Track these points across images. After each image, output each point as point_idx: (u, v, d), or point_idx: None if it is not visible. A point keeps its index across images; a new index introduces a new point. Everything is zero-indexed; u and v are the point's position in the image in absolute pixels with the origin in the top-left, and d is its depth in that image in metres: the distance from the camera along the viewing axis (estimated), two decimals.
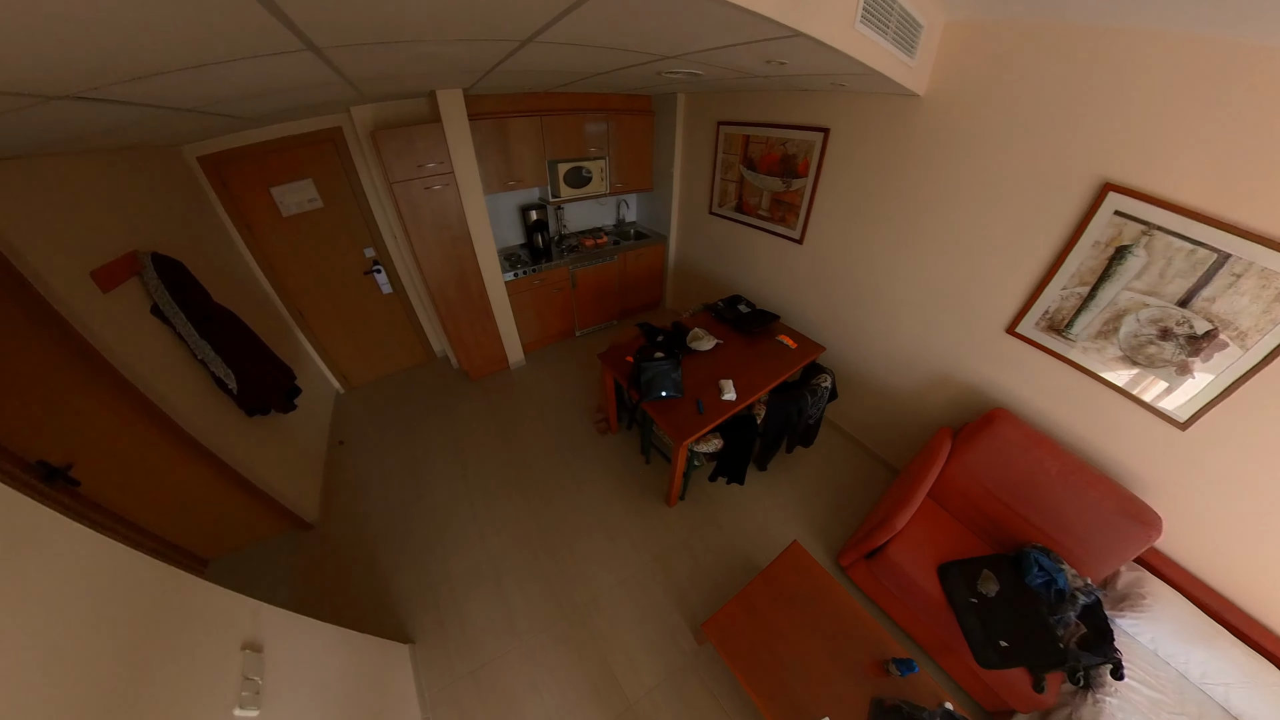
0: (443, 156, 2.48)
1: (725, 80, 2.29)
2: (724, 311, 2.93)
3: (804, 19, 1.15)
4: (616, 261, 3.66)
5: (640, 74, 2.14)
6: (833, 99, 2.36)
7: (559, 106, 3.03)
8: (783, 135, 2.69)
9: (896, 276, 2.42)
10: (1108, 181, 1.57)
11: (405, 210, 2.51)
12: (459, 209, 2.67)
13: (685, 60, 1.73)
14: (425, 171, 2.46)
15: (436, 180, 2.52)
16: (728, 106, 2.97)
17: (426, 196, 2.54)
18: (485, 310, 3.10)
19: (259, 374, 2.14)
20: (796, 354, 2.64)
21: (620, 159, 3.46)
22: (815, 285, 2.90)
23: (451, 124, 2.43)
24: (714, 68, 1.88)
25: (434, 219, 2.61)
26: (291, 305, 2.93)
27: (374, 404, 3.31)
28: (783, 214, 2.92)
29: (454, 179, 2.57)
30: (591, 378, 3.51)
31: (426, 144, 2.41)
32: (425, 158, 2.43)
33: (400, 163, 2.38)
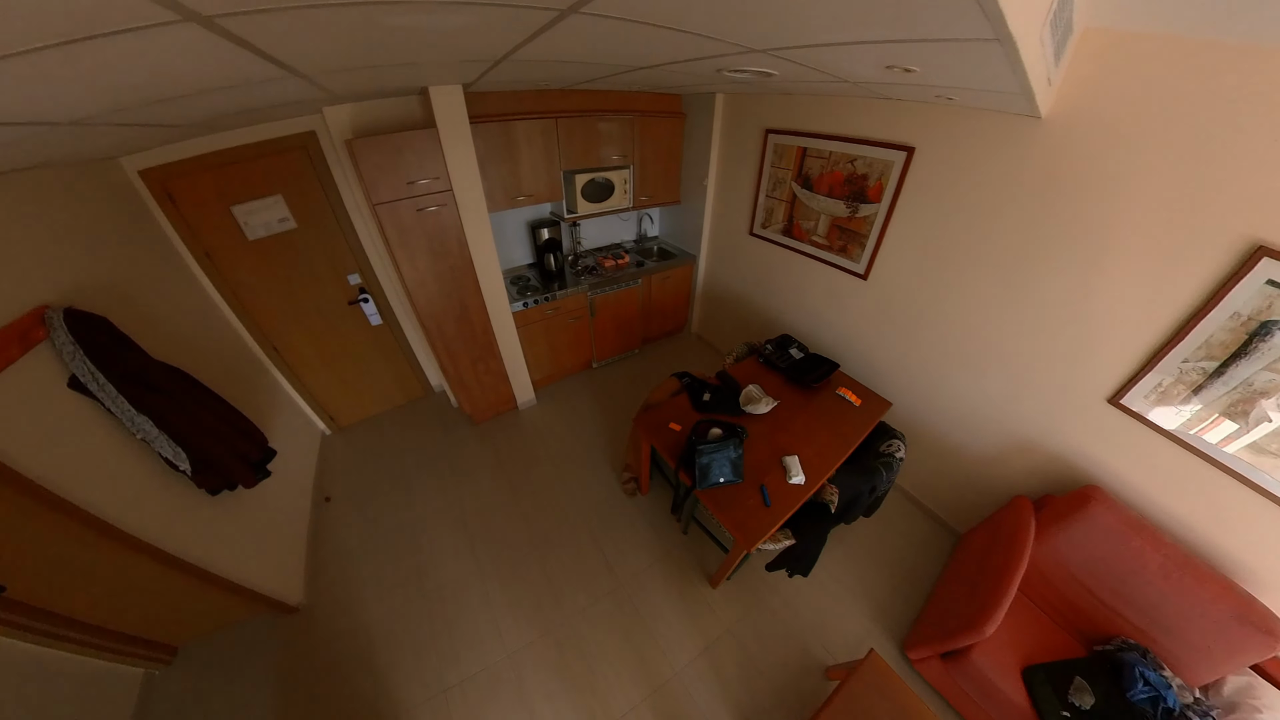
0: (438, 170, 1.95)
1: (794, 84, 1.77)
2: (774, 357, 2.42)
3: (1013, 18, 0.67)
4: (640, 286, 3.13)
5: (694, 71, 1.61)
6: (923, 112, 1.84)
7: (576, 107, 2.48)
8: (851, 151, 2.16)
9: (982, 327, 1.97)
10: (1262, 245, 1.24)
11: (393, 237, 1.98)
12: (459, 233, 2.14)
13: (771, 58, 1.23)
14: (417, 189, 1.94)
15: (431, 200, 2.00)
16: (780, 111, 2.43)
17: (419, 220, 2.01)
18: (490, 347, 2.59)
19: (219, 450, 1.66)
20: (861, 413, 2.14)
21: (646, 168, 2.91)
22: (879, 328, 2.40)
23: (449, 129, 1.91)
24: (803, 68, 1.37)
25: (429, 246, 2.09)
26: (265, 342, 2.43)
27: (365, 448, 2.81)
28: (844, 243, 2.39)
29: (452, 197, 2.04)
30: (613, 416, 2.99)
31: (418, 155, 1.88)
32: (416, 172, 1.91)
33: (385, 180, 1.85)
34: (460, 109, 1.90)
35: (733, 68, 1.47)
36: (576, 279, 2.91)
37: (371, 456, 2.74)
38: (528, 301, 2.64)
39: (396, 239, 1.99)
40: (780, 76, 1.58)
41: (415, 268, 2.09)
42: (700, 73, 1.65)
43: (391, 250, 2.02)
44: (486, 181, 2.33)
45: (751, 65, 1.39)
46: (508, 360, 2.67)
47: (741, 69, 1.47)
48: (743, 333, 3.29)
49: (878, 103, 1.99)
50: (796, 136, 2.40)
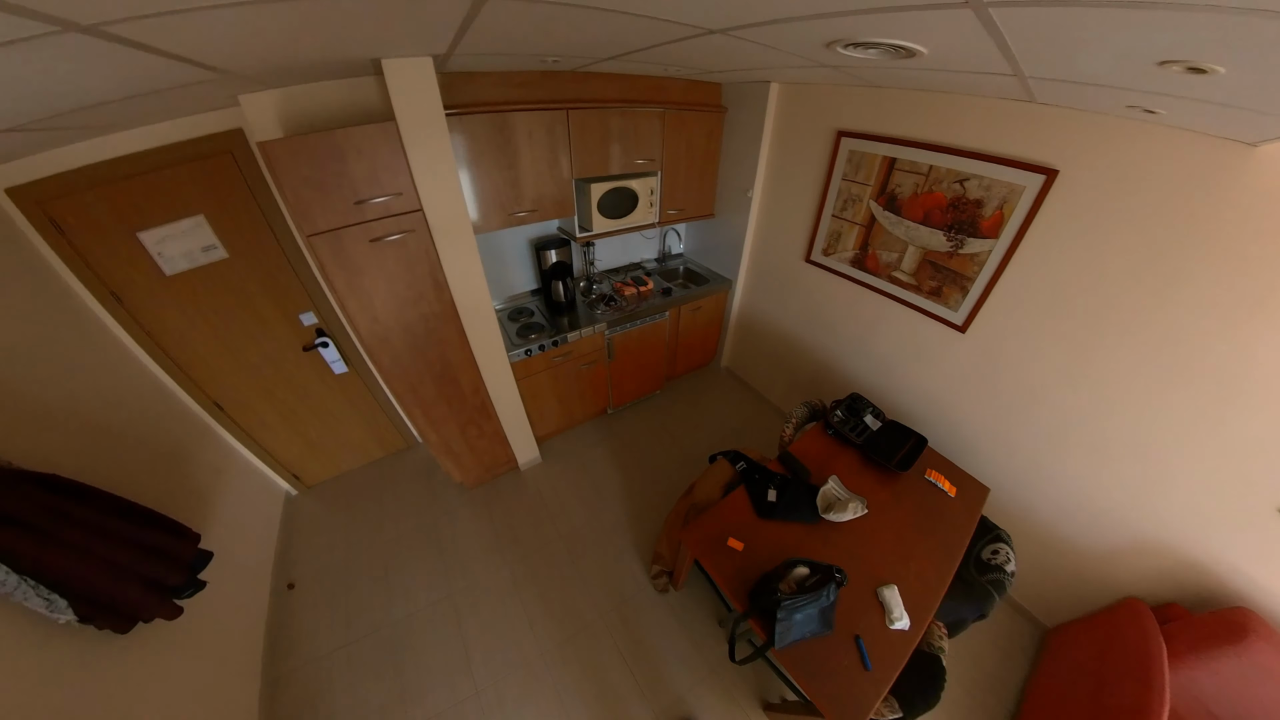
0: (400, 182, 1.33)
1: (926, 75, 1.13)
2: (845, 426, 1.81)
3: None
4: (668, 319, 2.49)
5: (786, 42, 1.02)
6: (1079, 125, 1.27)
7: (593, 95, 1.84)
8: (963, 168, 1.56)
9: (1122, 406, 1.46)
10: None
11: (338, 280, 1.36)
12: (433, 269, 1.52)
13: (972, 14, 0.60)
14: (370, 210, 1.31)
15: (391, 225, 1.37)
16: (861, 107, 1.79)
17: (375, 255, 1.39)
18: (482, 409, 1.98)
19: (118, 586, 1.13)
20: (958, 505, 1.58)
21: (676, 175, 2.26)
22: (976, 394, 1.82)
23: (415, 122, 1.28)
24: (1002, 49, 0.70)
25: (392, 289, 1.47)
26: (204, 399, 1.85)
27: (336, 517, 2.22)
28: (939, 285, 1.77)
29: (423, 220, 1.42)
30: (633, 477, 2.38)
31: (369, 161, 1.26)
32: (368, 185, 1.29)
33: (320, 199, 1.23)
34: (430, 93, 1.27)
35: (860, 38, 0.88)
36: (591, 311, 2.29)
37: (344, 529, 2.16)
38: (531, 348, 2.01)
39: (344, 282, 1.37)
40: (929, 56, 0.97)
41: (374, 319, 1.48)
42: (806, 46, 1.04)
43: (339, 298, 1.42)
44: (475, 194, 1.71)
45: (904, 35, 0.79)
46: (506, 420, 2.07)
47: (877, 40, 0.87)
48: (782, 374, 2.69)
49: (1011, 107, 1.38)
50: (883, 143, 1.76)
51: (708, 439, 2.60)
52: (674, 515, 1.82)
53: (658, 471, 2.40)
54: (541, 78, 1.72)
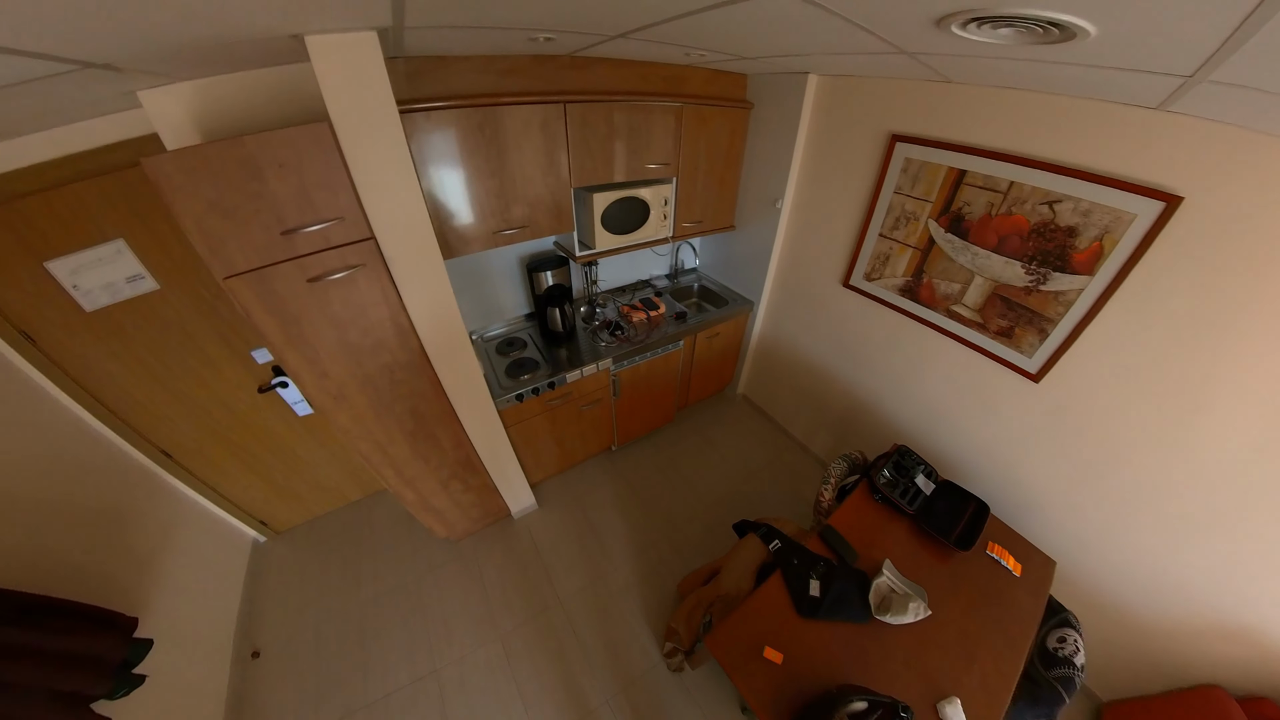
0: (341, 203, 0.99)
1: (1051, 72, 0.77)
2: (893, 488, 1.50)
3: None
4: (682, 349, 2.14)
5: (896, 14, 0.68)
6: (1222, 143, 0.93)
7: (595, 86, 1.48)
8: (1057, 188, 1.21)
9: (1218, 475, 1.17)
10: None
11: (270, 330, 1.03)
12: (394, 310, 1.17)
13: None
14: (302, 242, 0.98)
15: (334, 260, 1.03)
16: (924, 106, 1.43)
17: (316, 298, 1.05)
18: (466, 462, 1.65)
19: (16, 714, 0.86)
20: (1024, 588, 1.30)
21: (694, 180, 1.89)
22: (1045, 452, 1.51)
23: (355, 121, 0.94)
24: None
25: (343, 338, 1.13)
26: (148, 446, 1.56)
27: (308, 568, 1.91)
28: (1011, 325, 1.43)
29: (375, 249, 1.07)
30: (641, 527, 2.05)
31: (295, 176, 0.92)
32: (296, 210, 0.94)
33: (235, 231, 0.90)
34: (376, 80, 0.92)
35: (1002, 9, 0.54)
36: (594, 341, 1.93)
37: (316, 586, 1.86)
38: (523, 391, 1.68)
39: (278, 333, 1.04)
40: (1094, 40, 0.62)
41: (323, 374, 1.15)
42: (893, 20, 0.70)
43: (275, 352, 1.09)
44: (449, 209, 1.37)
45: (1075, 5, 0.45)
46: (495, 472, 1.74)
47: (1029, 13, 0.53)
48: (808, 407, 2.33)
49: (1130, 115, 1.03)
50: (951, 151, 1.40)
51: (724, 481, 2.28)
52: (693, 594, 1.50)
53: (669, 520, 2.08)
54: (532, 63, 1.36)
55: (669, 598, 1.81)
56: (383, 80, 0.94)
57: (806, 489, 2.25)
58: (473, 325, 1.95)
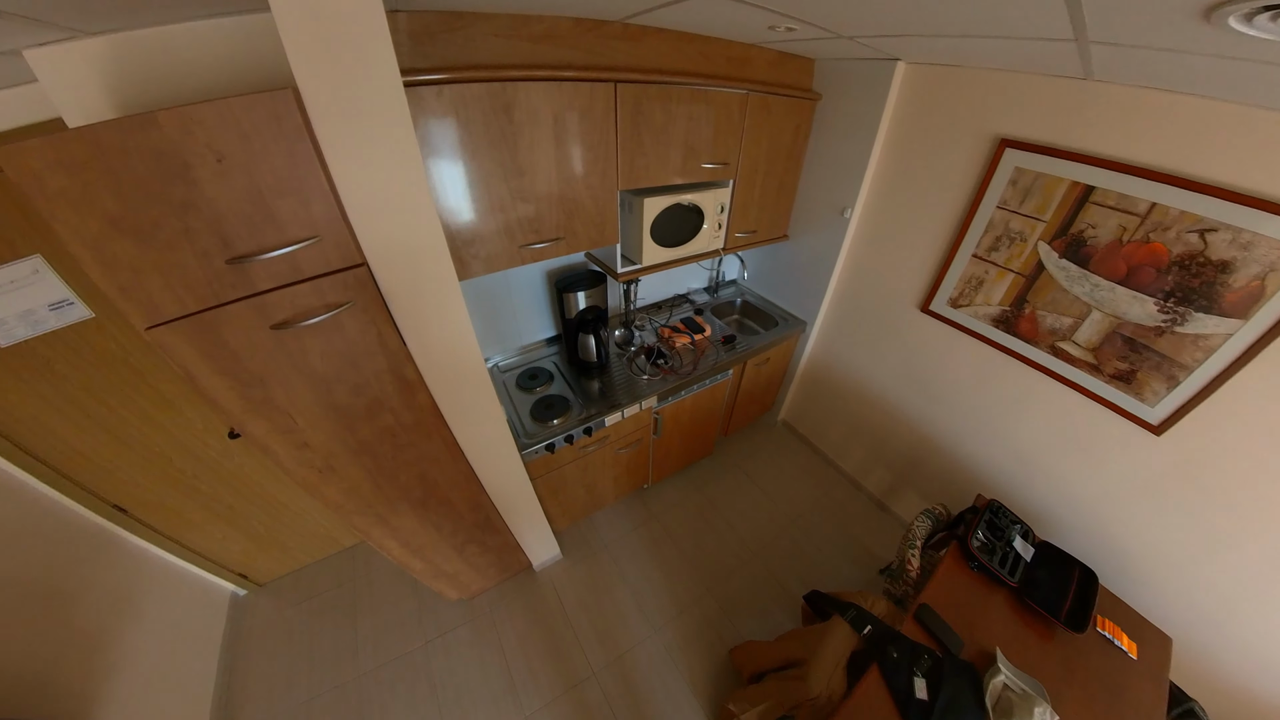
0: (315, 214, 0.64)
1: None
2: (989, 553, 1.22)
3: None
4: (731, 379, 1.81)
5: None
6: None
7: (649, 63, 1.14)
8: (1211, 214, 0.94)
9: None
10: None
11: (222, 395, 0.69)
12: (395, 360, 0.83)
13: None
14: (259, 274, 0.64)
15: (308, 296, 0.69)
16: (1046, 107, 1.13)
17: (285, 348, 0.71)
18: (485, 524, 1.33)
19: None
20: (1142, 673, 1.04)
21: (752, 184, 1.56)
22: (1162, 511, 1.27)
23: (336, 89, 0.59)
24: None
25: (326, 399, 0.79)
26: (96, 501, 1.22)
27: (296, 629, 1.59)
28: (1132, 368, 1.17)
29: (369, 280, 0.73)
30: (682, 578, 1.74)
31: (244, 173, 0.58)
32: (252, 225, 0.61)
33: (154, 259, 0.56)
34: (373, 27, 0.58)
35: None
36: (630, 372, 1.60)
37: (306, 653, 1.53)
38: (555, 440, 1.34)
39: (234, 399, 0.71)
40: None
41: (303, 445, 0.81)
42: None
43: (233, 421, 0.74)
44: (463, 215, 1.03)
45: None
46: (518, 529, 1.43)
47: None
48: (862, 442, 2.03)
49: None
50: (1078, 163, 1.11)
51: (770, 523, 1.98)
52: (769, 684, 1.19)
53: (712, 571, 1.78)
54: (574, 29, 1.01)
55: (719, 666, 1.52)
56: (380, 28, 0.60)
57: (860, 530, 1.97)
58: (488, 352, 1.62)
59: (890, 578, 1.46)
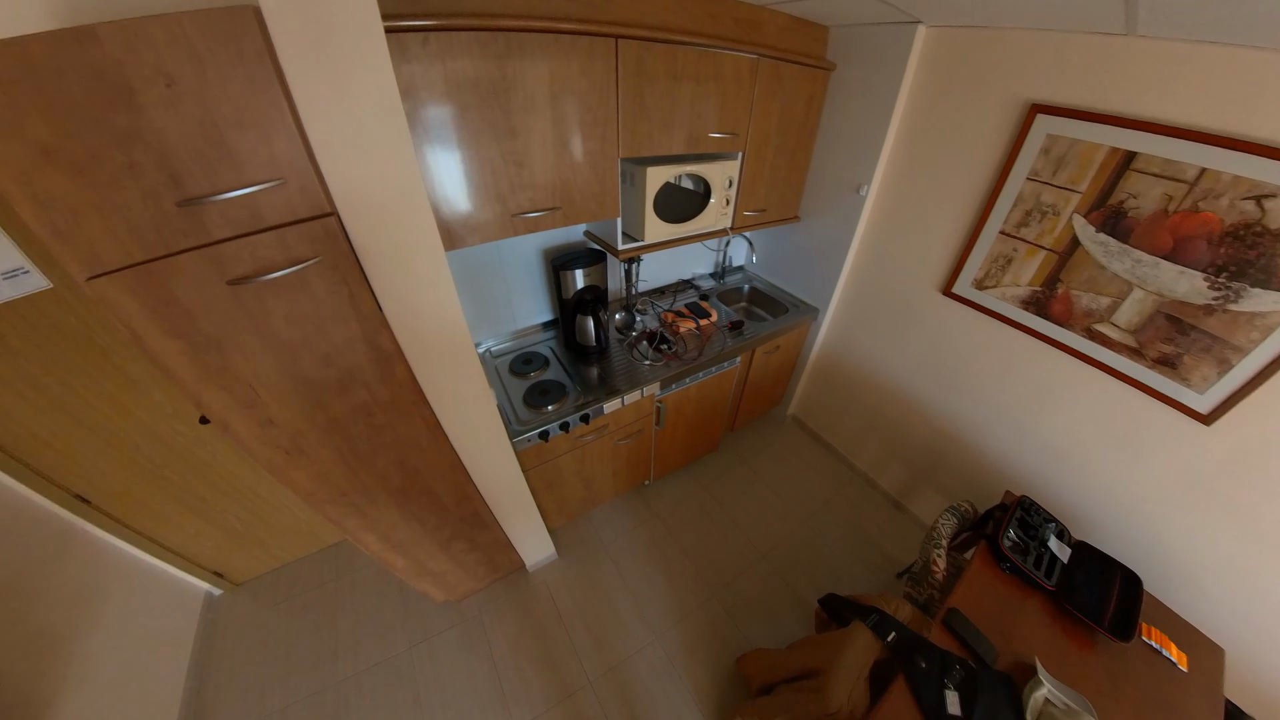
0: (279, 151, 0.59)
1: None
2: (1022, 553, 1.15)
3: None
4: (738, 366, 1.76)
5: None
6: None
7: (653, 20, 1.08)
8: (1270, 179, 0.86)
9: None
10: None
11: (174, 359, 0.63)
12: (369, 326, 0.77)
13: None
14: (213, 218, 0.58)
15: (270, 247, 0.63)
16: (1079, 67, 1.06)
17: (245, 306, 0.65)
18: (474, 518, 1.26)
19: None
20: (1194, 687, 0.97)
21: (762, 157, 1.50)
22: (1210, 509, 1.19)
23: (299, 8, 0.54)
24: None
25: (291, 368, 0.73)
26: (57, 490, 1.17)
27: (273, 633, 1.52)
28: (1178, 351, 1.09)
29: (338, 230, 0.67)
30: (684, 576, 1.67)
31: (196, 101, 0.52)
32: (205, 161, 0.55)
33: (96, 198, 0.51)
34: None
35: None
36: (631, 356, 1.55)
37: (282, 657, 1.46)
38: (549, 427, 1.28)
39: (186, 365, 0.65)
40: None
41: (267, 421, 0.75)
42: None
43: (187, 390, 0.68)
44: (450, 178, 0.97)
45: None
46: (509, 525, 1.37)
47: None
48: (877, 436, 1.96)
49: None
50: (1117, 127, 1.05)
51: (779, 522, 1.91)
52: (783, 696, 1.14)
53: (717, 573, 1.72)
54: None
55: (725, 675, 1.45)
56: None
57: (875, 531, 1.90)
58: (478, 336, 1.56)
59: (912, 581, 1.39)
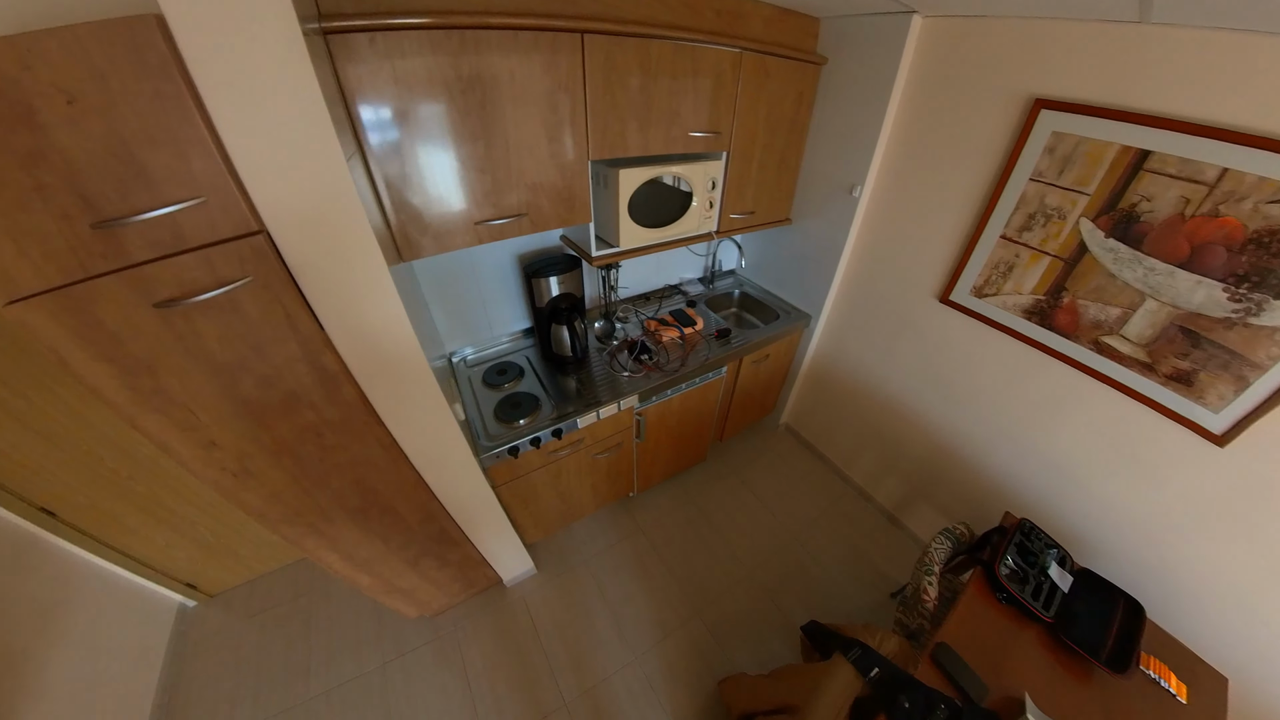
0: (196, 168, 0.57)
1: None
2: (1020, 582, 1.12)
3: None
4: (724, 377, 1.72)
5: None
6: None
7: (626, 13, 1.05)
8: None
9: None
10: None
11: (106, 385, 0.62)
12: (310, 346, 0.75)
13: None
14: (133, 240, 0.57)
15: (195, 268, 0.61)
16: (1082, 60, 1.01)
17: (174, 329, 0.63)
18: (441, 536, 1.25)
19: None
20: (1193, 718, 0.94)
21: (749, 157, 1.46)
22: (1220, 533, 1.16)
23: (209, 15, 0.52)
24: None
25: (231, 390, 0.72)
26: (22, 504, 1.17)
27: (245, 646, 1.53)
28: (1192, 367, 1.04)
29: (268, 249, 0.66)
30: (667, 594, 1.65)
31: (98, 121, 0.50)
32: (118, 181, 0.53)
33: (5, 222, 0.50)
34: None
35: None
36: (611, 366, 1.52)
37: (253, 672, 1.46)
38: (519, 442, 1.25)
39: (118, 390, 0.64)
40: None
41: (207, 443, 0.74)
42: None
43: (122, 414, 0.68)
44: (409, 185, 0.95)
45: None
46: (481, 543, 1.35)
47: None
48: (873, 449, 1.91)
49: None
50: (1129, 123, 0.99)
51: (769, 537, 1.88)
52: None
53: (701, 590, 1.69)
54: None
55: (707, 699, 1.43)
56: None
57: (870, 547, 1.86)
58: (453, 345, 1.55)
59: (903, 606, 1.36)
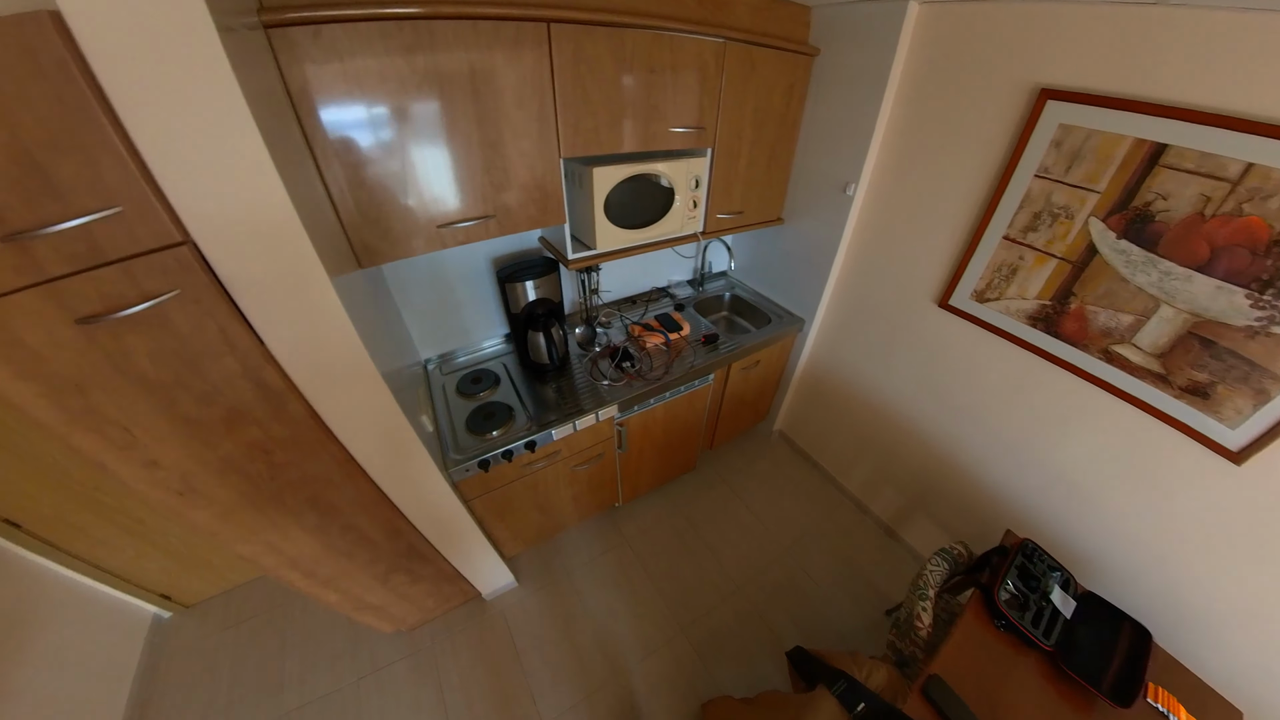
0: (109, 177, 0.54)
1: None
2: (1020, 608, 1.07)
3: None
4: (712, 384, 1.67)
5: None
6: None
7: (599, 1, 0.99)
8: None
9: None
10: None
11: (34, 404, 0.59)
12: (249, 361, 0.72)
13: None
14: (45, 256, 0.53)
15: (117, 281, 0.58)
16: (1091, 46, 0.95)
17: (97, 347, 0.60)
18: (411, 551, 1.21)
19: None
20: None
21: (736, 154, 1.41)
22: (1234, 554, 1.10)
23: (111, 9, 0.48)
24: None
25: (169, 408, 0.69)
26: None
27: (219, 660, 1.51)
28: (1209, 379, 0.98)
29: (195, 260, 0.62)
30: (653, 608, 1.62)
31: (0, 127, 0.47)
32: (24, 191, 0.50)
33: None
34: None
35: None
36: (592, 374, 1.48)
37: (226, 688, 1.45)
38: (490, 455, 1.21)
39: (47, 410, 0.61)
40: None
41: (149, 462, 0.73)
42: None
43: (56, 434, 0.65)
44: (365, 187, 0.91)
45: None
46: (454, 557, 1.32)
47: None
48: (870, 458, 1.86)
49: None
50: (1143, 115, 0.93)
51: (759, 550, 1.84)
52: None
53: (688, 605, 1.65)
54: None
55: None
56: None
57: (865, 561, 1.82)
58: (426, 352, 1.52)
59: (896, 628, 1.31)
